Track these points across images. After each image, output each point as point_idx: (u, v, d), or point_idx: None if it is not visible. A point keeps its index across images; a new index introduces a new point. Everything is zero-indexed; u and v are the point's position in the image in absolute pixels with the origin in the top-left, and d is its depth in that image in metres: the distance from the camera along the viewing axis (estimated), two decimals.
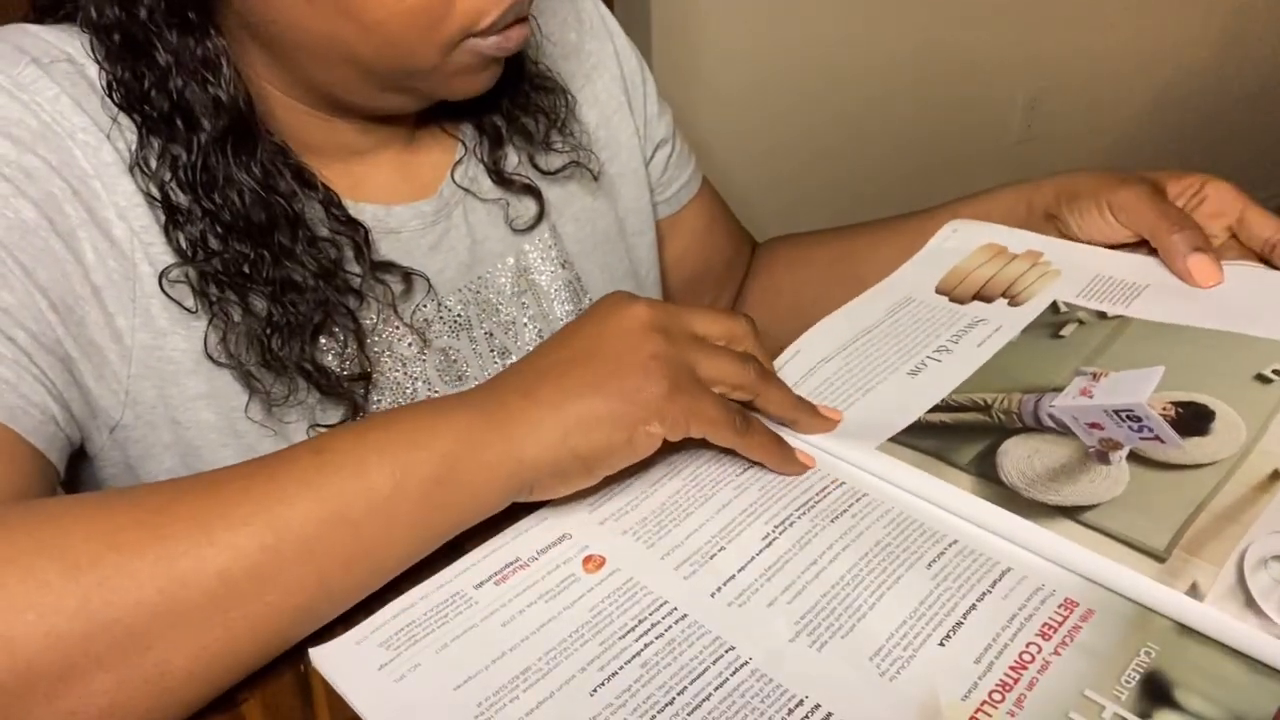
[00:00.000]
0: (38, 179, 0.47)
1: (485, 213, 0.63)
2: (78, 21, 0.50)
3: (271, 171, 0.52)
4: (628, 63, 0.71)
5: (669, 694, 0.35)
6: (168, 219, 0.50)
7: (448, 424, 0.40)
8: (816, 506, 0.44)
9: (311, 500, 0.37)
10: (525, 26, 0.52)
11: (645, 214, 0.72)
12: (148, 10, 0.48)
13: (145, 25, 0.48)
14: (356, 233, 0.55)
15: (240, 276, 0.51)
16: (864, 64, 1.98)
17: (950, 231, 0.63)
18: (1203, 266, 0.53)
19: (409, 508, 0.39)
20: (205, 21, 0.49)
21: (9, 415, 0.45)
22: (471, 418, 0.41)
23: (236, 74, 0.50)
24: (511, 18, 0.50)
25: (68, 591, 0.33)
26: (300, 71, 0.52)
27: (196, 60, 0.49)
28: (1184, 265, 0.54)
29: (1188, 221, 0.55)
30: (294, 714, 0.37)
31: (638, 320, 0.44)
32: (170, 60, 0.49)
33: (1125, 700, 0.33)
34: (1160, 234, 0.55)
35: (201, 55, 0.49)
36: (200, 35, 0.49)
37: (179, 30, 0.49)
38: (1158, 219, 0.55)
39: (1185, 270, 0.54)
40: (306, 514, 0.37)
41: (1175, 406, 0.45)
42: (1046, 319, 0.54)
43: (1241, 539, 0.37)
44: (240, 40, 0.51)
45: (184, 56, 0.49)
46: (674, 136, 0.75)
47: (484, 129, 0.62)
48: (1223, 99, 2.55)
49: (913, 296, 0.58)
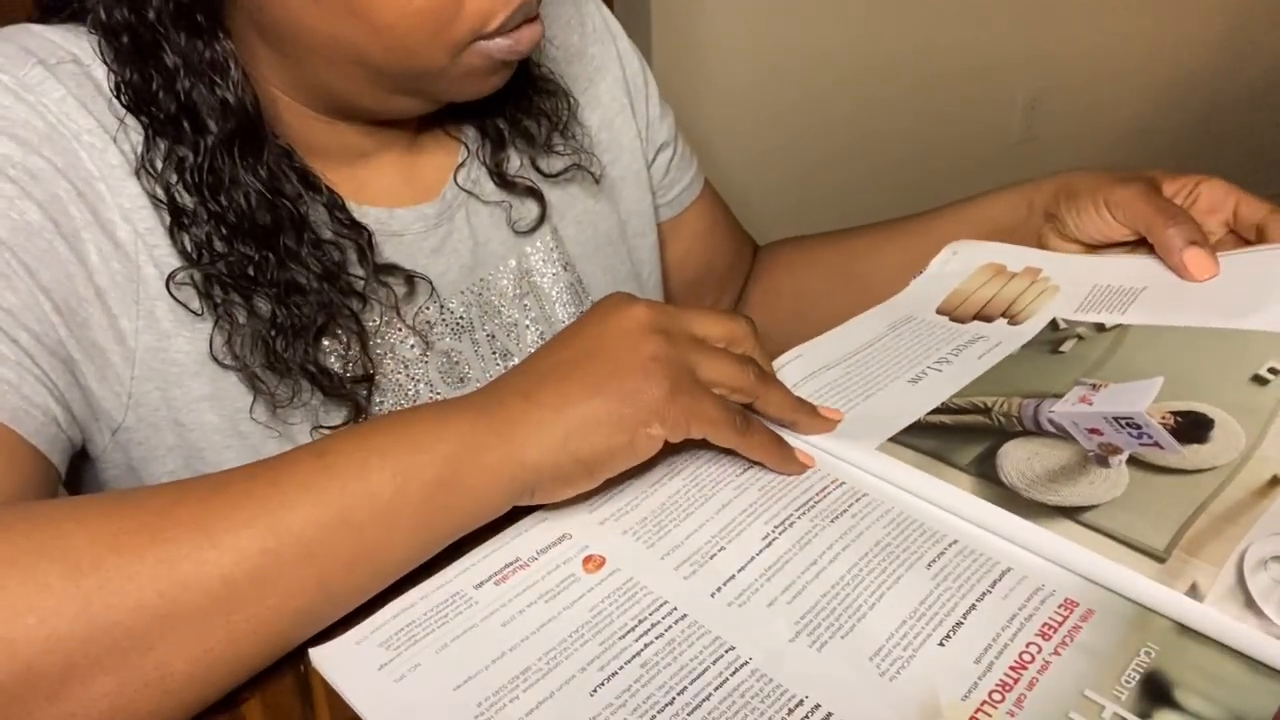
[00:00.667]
0: (43, 180, 0.47)
1: (487, 215, 0.63)
2: (85, 22, 0.51)
3: (277, 174, 0.52)
4: (630, 65, 0.71)
5: (669, 694, 0.35)
6: (173, 221, 0.50)
7: (449, 427, 0.40)
8: (816, 506, 0.44)
9: (313, 504, 0.37)
10: (535, 27, 0.52)
11: (647, 216, 0.72)
12: (156, 12, 0.48)
13: (153, 27, 0.48)
14: (360, 236, 0.55)
15: (245, 279, 0.51)
16: (864, 65, 1.98)
17: (950, 254, 0.64)
18: (1198, 260, 0.54)
19: (410, 511, 0.39)
20: (214, 24, 0.49)
21: (11, 416, 0.45)
22: (473, 421, 0.41)
23: (244, 76, 0.50)
24: (520, 18, 0.50)
25: (69, 594, 0.33)
26: (308, 74, 0.52)
27: (204, 62, 0.49)
28: (1180, 259, 0.54)
29: (1183, 216, 0.55)
30: (294, 714, 0.37)
31: (637, 321, 0.44)
32: (178, 62, 0.49)
33: (1125, 700, 0.34)
34: (1156, 228, 0.55)
35: (209, 58, 0.49)
36: (209, 38, 0.49)
37: (187, 32, 0.49)
38: (1154, 214, 0.56)
39: (1181, 264, 0.54)
40: (308, 517, 0.37)
41: (1174, 416, 0.45)
42: (1046, 336, 0.54)
43: (1241, 540, 0.37)
44: (249, 43, 0.51)
45: (192, 58, 0.49)
46: (676, 139, 0.75)
47: (486, 132, 0.62)
48: (1223, 99, 2.55)
49: (914, 315, 0.58)
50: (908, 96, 2.06)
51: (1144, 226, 0.56)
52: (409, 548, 0.40)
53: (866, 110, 2.03)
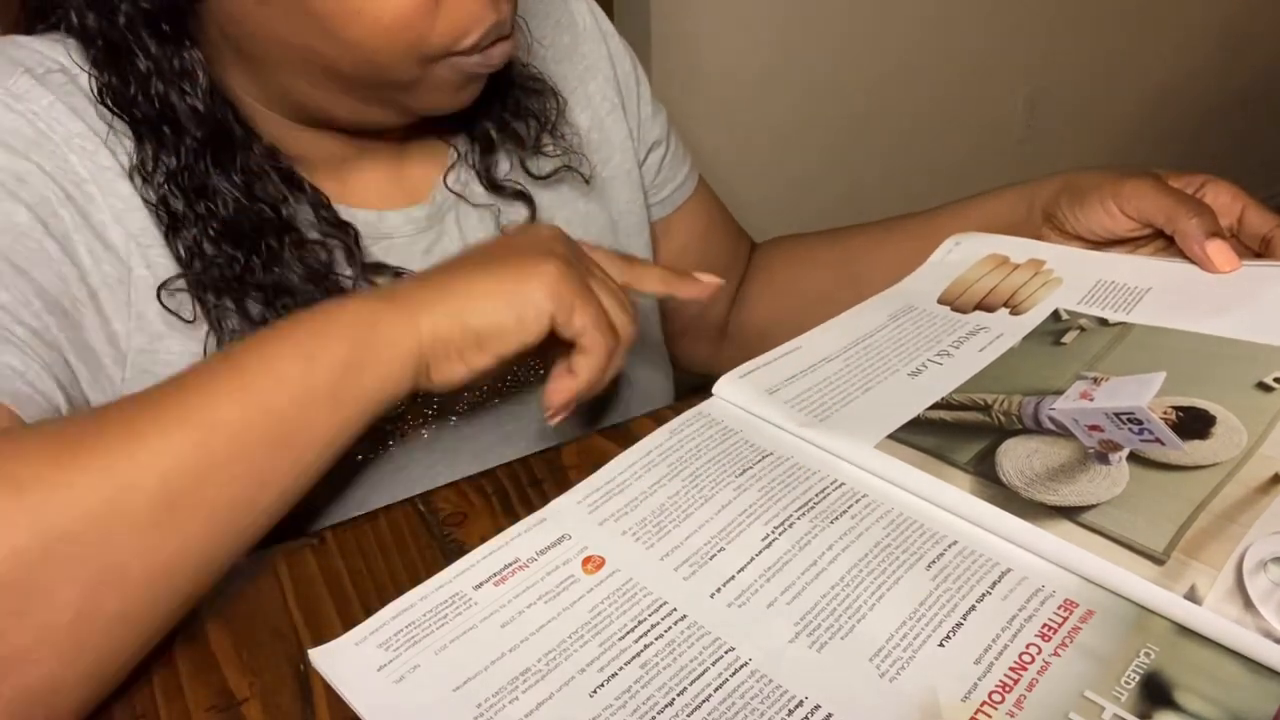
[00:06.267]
0: (31, 183, 0.48)
1: (477, 218, 0.63)
2: (62, 29, 0.51)
3: (258, 175, 0.52)
4: (621, 65, 0.71)
5: (669, 695, 0.35)
6: (168, 225, 0.50)
7: (348, 309, 0.43)
8: (816, 507, 0.44)
9: (231, 397, 0.39)
10: (508, 44, 0.52)
11: (639, 215, 0.72)
12: (126, 18, 0.48)
13: (124, 33, 0.49)
14: (346, 234, 0.55)
15: (235, 281, 0.51)
16: (864, 64, 1.98)
17: (953, 244, 0.63)
18: (1221, 251, 0.53)
19: (322, 389, 0.41)
20: (180, 33, 0.50)
21: (15, 400, 0.45)
22: (371, 301, 0.43)
23: (214, 85, 0.51)
24: (494, 37, 0.50)
25: (18, 510, 0.35)
26: (281, 85, 0.52)
27: (173, 70, 0.50)
28: (1202, 251, 0.53)
29: (1203, 207, 0.54)
30: (294, 714, 0.37)
31: (548, 232, 0.48)
32: (150, 67, 0.49)
33: (1125, 701, 0.33)
34: (1178, 219, 0.54)
35: (178, 66, 0.50)
36: (175, 46, 0.50)
37: (156, 40, 0.49)
38: (1174, 205, 0.54)
39: (1203, 256, 0.53)
40: (229, 409, 0.39)
41: (1176, 410, 0.45)
42: (1048, 327, 0.54)
43: (1241, 540, 0.37)
44: (220, 53, 0.52)
45: (162, 65, 0.49)
46: (668, 137, 0.75)
47: (475, 136, 0.62)
48: (1223, 99, 2.55)
49: (915, 305, 0.58)
50: (907, 96, 2.06)
51: (1162, 218, 0.55)
52: (327, 428, 0.41)
53: (865, 110, 2.02)
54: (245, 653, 0.39)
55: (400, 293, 0.44)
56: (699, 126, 1.76)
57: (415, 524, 0.46)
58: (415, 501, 0.47)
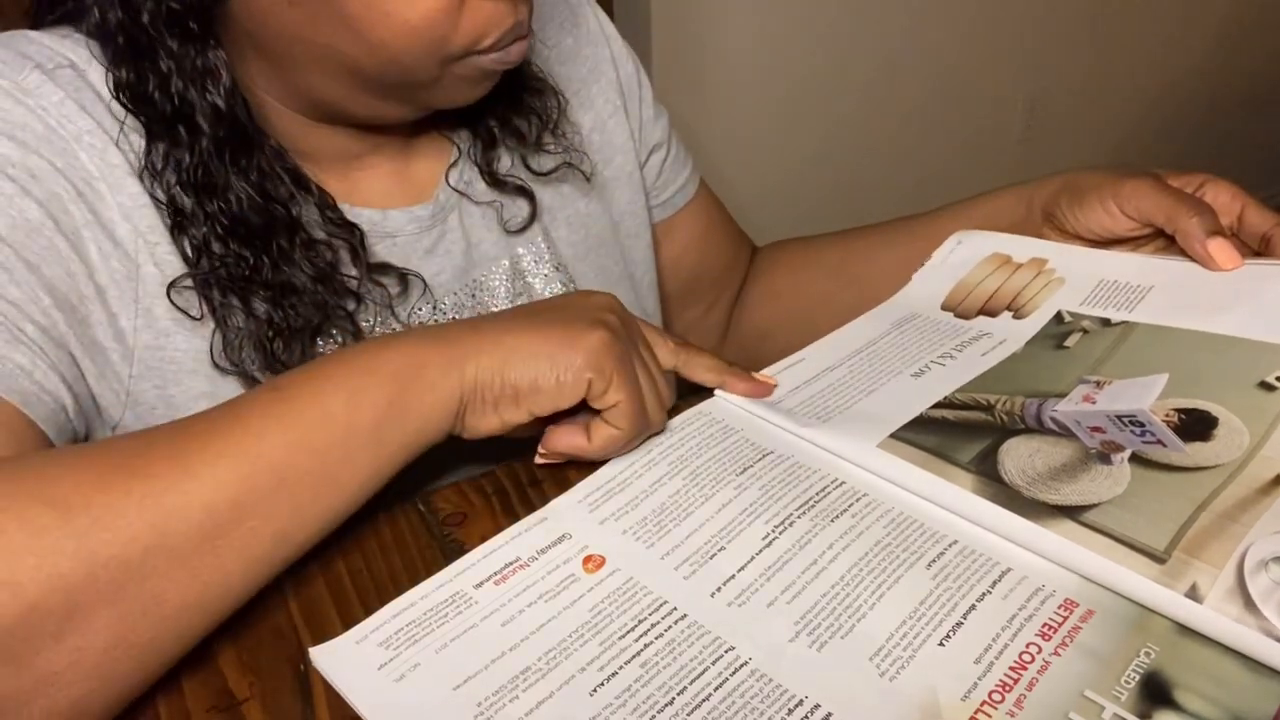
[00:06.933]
0: (42, 180, 0.48)
1: (480, 216, 0.63)
2: (81, 26, 0.51)
3: (269, 175, 0.52)
4: (624, 67, 0.71)
5: (669, 694, 0.35)
6: (176, 222, 0.51)
7: (396, 349, 0.43)
8: (816, 506, 0.44)
9: (277, 431, 0.39)
10: (525, 43, 0.53)
11: (640, 217, 0.72)
12: (150, 16, 0.48)
13: (147, 30, 0.49)
14: (352, 235, 0.55)
15: (242, 280, 0.51)
16: (864, 65, 1.98)
17: (955, 244, 0.63)
18: (1223, 249, 0.53)
19: (365, 429, 0.41)
20: (206, 32, 0.50)
21: (23, 400, 0.45)
22: (418, 341, 0.44)
23: (235, 83, 0.51)
24: (513, 37, 0.51)
25: (64, 534, 0.35)
26: (300, 82, 0.52)
27: (196, 69, 0.50)
28: (1204, 249, 0.53)
29: (1204, 206, 0.55)
30: (294, 714, 0.37)
31: (604, 300, 0.48)
32: (171, 65, 0.49)
33: (1125, 701, 0.33)
34: (1179, 217, 0.54)
35: (201, 65, 0.50)
36: (201, 45, 0.49)
37: (180, 39, 0.49)
38: (1175, 204, 0.55)
39: (1205, 254, 0.53)
40: (274, 443, 0.39)
41: (1178, 413, 0.45)
42: (1051, 330, 0.54)
43: (1242, 539, 0.37)
44: (241, 50, 0.52)
45: (184, 63, 0.49)
46: (670, 140, 0.75)
47: (478, 131, 0.63)
48: (1223, 99, 2.55)
49: (918, 313, 0.58)
50: (907, 97, 2.06)
51: (1163, 217, 0.55)
52: (368, 466, 0.41)
53: (866, 111, 2.02)
54: (245, 653, 0.39)
55: (449, 336, 0.44)
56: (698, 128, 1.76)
57: (415, 524, 0.46)
58: (415, 501, 0.47)
